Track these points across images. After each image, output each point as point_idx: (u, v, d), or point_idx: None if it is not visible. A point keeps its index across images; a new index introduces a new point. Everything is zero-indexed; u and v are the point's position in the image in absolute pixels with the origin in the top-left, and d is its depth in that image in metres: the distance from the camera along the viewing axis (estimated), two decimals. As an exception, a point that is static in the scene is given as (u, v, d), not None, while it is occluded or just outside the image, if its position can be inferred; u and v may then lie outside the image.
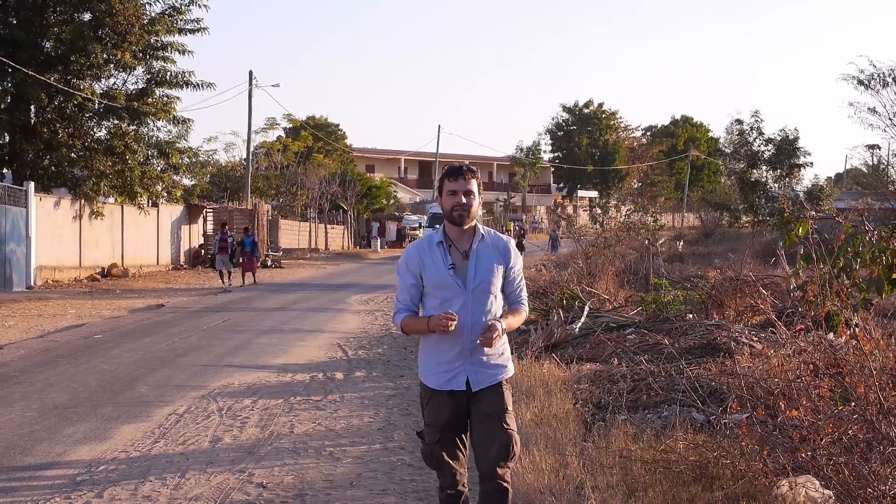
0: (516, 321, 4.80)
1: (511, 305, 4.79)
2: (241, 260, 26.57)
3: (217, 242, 26.42)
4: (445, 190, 4.66)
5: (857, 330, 6.37)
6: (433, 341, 4.63)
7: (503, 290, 4.75)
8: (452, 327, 4.42)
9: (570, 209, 79.26)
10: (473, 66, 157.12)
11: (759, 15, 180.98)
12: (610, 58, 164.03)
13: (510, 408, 4.66)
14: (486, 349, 4.56)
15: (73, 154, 27.59)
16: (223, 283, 25.56)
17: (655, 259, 23.48)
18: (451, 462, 4.62)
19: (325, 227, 54.52)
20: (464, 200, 4.60)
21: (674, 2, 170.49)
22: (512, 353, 4.97)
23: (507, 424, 4.60)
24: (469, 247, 4.66)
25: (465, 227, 4.66)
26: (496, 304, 4.67)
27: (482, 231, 4.72)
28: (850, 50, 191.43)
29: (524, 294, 4.86)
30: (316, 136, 60.22)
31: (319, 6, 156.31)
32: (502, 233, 5.30)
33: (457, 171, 4.67)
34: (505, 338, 4.73)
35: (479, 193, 4.70)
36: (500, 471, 4.57)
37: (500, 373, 4.68)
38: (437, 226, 35.61)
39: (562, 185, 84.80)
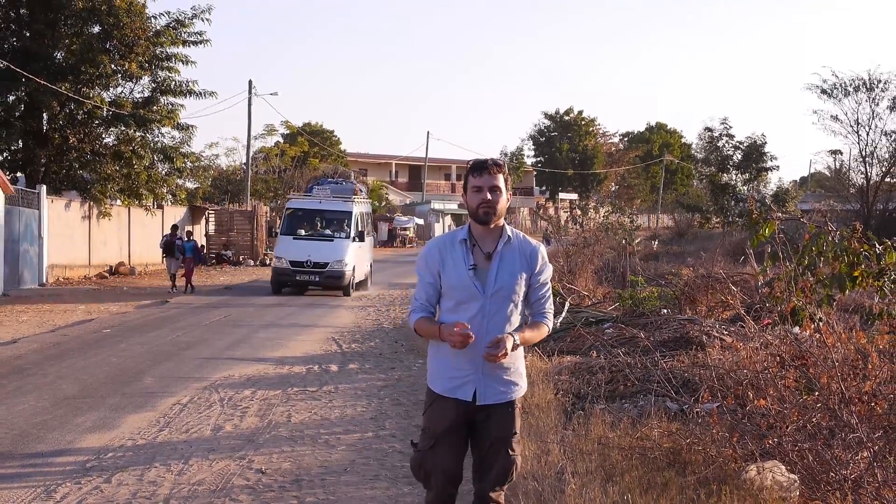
0: (535, 336, 4.08)
1: (533, 317, 4.12)
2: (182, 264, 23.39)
3: (164, 244, 23.72)
4: (470, 186, 4.02)
5: (820, 324, 6.39)
6: (444, 346, 3.98)
7: (527, 300, 4.10)
8: (465, 346, 3.83)
9: (551, 211, 79.25)
10: (462, 75, 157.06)
11: (737, 25, 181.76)
12: (590, 67, 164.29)
13: (518, 431, 4.10)
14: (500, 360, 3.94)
15: (82, 159, 27.63)
16: (171, 287, 23.00)
17: (632, 258, 23.54)
18: (441, 475, 4.04)
19: (321, 228, 54.32)
20: (489, 197, 3.96)
21: (651, 15, 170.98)
22: None
23: (513, 451, 4.05)
24: (494, 248, 4.03)
25: (492, 226, 4.03)
26: (516, 313, 4.03)
27: (510, 233, 4.07)
28: (817, 57, 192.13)
29: (549, 307, 4.14)
30: (312, 141, 59.95)
31: (316, 18, 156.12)
32: None
33: (481, 165, 4.02)
34: (521, 352, 4.12)
35: (508, 189, 4.04)
36: (493, 494, 4.07)
37: (512, 390, 4.06)
38: (301, 231, 28.67)
39: (544, 188, 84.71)
